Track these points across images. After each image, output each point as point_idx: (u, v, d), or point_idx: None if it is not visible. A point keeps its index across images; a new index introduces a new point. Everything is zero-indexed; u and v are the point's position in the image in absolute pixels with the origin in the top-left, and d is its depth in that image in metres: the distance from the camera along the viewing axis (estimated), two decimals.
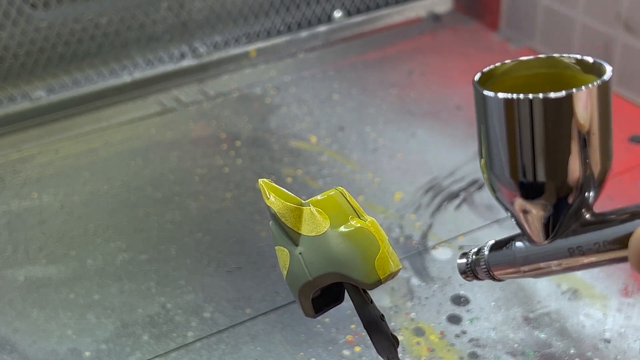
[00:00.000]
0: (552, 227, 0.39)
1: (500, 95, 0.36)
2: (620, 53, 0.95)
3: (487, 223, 0.77)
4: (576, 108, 0.35)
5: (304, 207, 0.45)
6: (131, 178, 0.87)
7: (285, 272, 0.46)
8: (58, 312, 0.69)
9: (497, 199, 0.40)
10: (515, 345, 0.63)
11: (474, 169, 0.84)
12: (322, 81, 1.04)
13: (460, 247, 0.74)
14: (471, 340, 0.64)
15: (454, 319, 0.66)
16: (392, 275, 0.45)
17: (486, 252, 0.43)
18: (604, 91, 0.36)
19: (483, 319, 0.66)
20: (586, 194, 0.38)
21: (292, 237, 0.45)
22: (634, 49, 0.94)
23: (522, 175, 0.37)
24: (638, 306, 0.66)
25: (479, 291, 0.69)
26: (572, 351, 0.63)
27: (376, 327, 0.46)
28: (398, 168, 0.87)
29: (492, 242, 0.44)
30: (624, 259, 0.37)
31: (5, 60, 0.97)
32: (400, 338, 0.64)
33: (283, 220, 0.45)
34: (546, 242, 0.39)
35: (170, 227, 0.79)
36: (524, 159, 0.37)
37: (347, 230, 0.45)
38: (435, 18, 1.18)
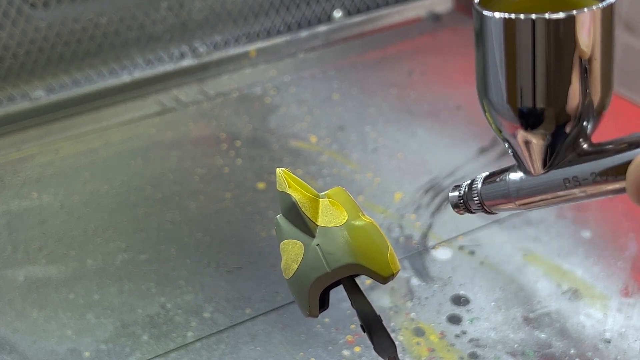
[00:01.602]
0: (549, 157, 0.37)
1: (500, 15, 0.35)
2: (620, 53, 0.95)
3: (487, 223, 0.77)
4: (579, 31, 0.34)
5: (320, 199, 0.45)
6: (131, 178, 0.87)
7: (295, 267, 0.44)
8: (58, 312, 0.69)
9: (496, 130, 0.39)
10: (516, 345, 0.63)
11: (474, 169, 0.84)
12: (322, 81, 1.04)
13: (460, 247, 0.74)
14: (471, 340, 0.64)
15: (454, 319, 0.66)
16: (395, 275, 0.45)
17: (479, 185, 0.43)
18: (608, 15, 0.34)
19: (483, 319, 0.66)
20: (584, 122, 0.36)
21: (309, 228, 0.45)
22: (634, 49, 0.94)
23: (520, 101, 0.36)
24: (638, 306, 0.66)
25: (479, 291, 0.69)
26: (572, 351, 0.63)
27: (378, 326, 0.46)
28: (398, 168, 0.87)
29: (485, 174, 0.43)
30: (621, 190, 0.35)
31: (5, 60, 0.97)
32: (400, 338, 0.64)
33: (303, 209, 0.45)
34: (542, 172, 0.38)
35: (170, 227, 0.79)
36: (522, 83, 0.35)
37: (364, 223, 0.45)
38: (435, 18, 1.18)
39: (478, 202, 0.42)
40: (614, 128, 0.41)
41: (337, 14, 1.15)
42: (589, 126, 0.37)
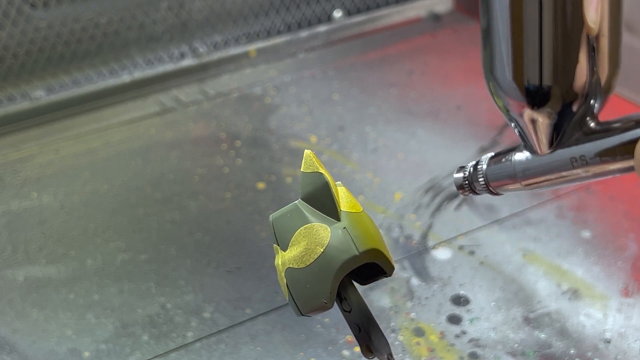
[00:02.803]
0: (556, 136, 0.37)
1: None
2: (620, 53, 0.95)
3: (487, 223, 0.77)
4: (586, 7, 0.33)
5: (338, 186, 0.45)
6: (131, 178, 0.87)
7: (320, 250, 0.43)
8: (58, 312, 0.69)
9: (503, 109, 0.38)
10: (516, 345, 0.63)
11: None
12: (322, 81, 1.04)
13: (460, 247, 0.74)
14: (471, 340, 0.64)
15: (454, 319, 0.66)
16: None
17: (484, 166, 0.42)
18: None
19: (483, 319, 0.66)
20: (592, 101, 0.36)
21: (337, 210, 0.44)
22: (634, 49, 0.94)
23: (527, 79, 0.35)
24: (638, 306, 0.66)
25: (479, 291, 0.69)
26: (572, 351, 0.63)
27: (375, 323, 0.45)
28: (398, 168, 0.87)
29: (490, 154, 0.42)
30: (629, 169, 0.35)
31: (5, 60, 0.97)
32: (400, 338, 0.64)
33: (333, 191, 0.44)
34: (548, 151, 0.38)
35: (170, 227, 0.79)
36: (529, 60, 0.35)
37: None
38: (435, 18, 1.18)
39: (483, 182, 0.42)
40: None
41: (337, 14, 1.15)
42: (596, 105, 0.36)
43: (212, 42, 1.09)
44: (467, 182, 0.43)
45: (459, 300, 0.68)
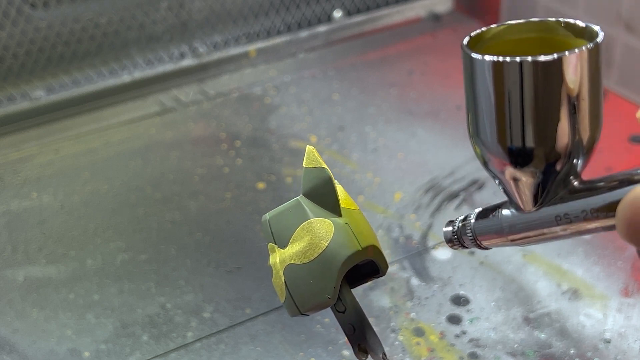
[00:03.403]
0: (540, 195, 0.38)
1: (488, 58, 0.35)
2: (620, 53, 0.95)
3: None
4: (566, 72, 0.34)
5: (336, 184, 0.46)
6: (131, 178, 0.87)
7: (325, 245, 0.43)
8: (58, 312, 0.69)
9: (487, 169, 0.39)
10: (516, 345, 0.63)
11: (474, 169, 0.84)
12: (322, 81, 1.04)
13: None
14: (471, 340, 0.64)
15: (454, 319, 0.66)
16: None
17: (472, 221, 0.43)
18: (595, 55, 0.35)
19: (483, 319, 0.66)
20: (574, 160, 0.37)
21: (338, 206, 0.44)
22: (634, 49, 0.94)
23: (510, 140, 0.36)
24: (638, 306, 0.66)
25: (479, 291, 0.69)
26: (572, 351, 0.63)
27: (369, 323, 0.45)
28: (398, 168, 0.87)
29: (478, 210, 0.43)
30: (611, 227, 0.36)
31: (5, 60, 0.97)
32: (400, 338, 0.64)
33: (336, 185, 0.44)
34: (534, 209, 0.39)
35: (170, 227, 0.79)
36: (512, 123, 0.36)
37: None
38: (435, 18, 1.18)
39: (472, 237, 0.43)
40: (615, 128, 0.41)
41: (337, 14, 1.15)
42: (579, 163, 0.37)
43: (212, 42, 1.09)
44: (455, 236, 0.44)
45: (459, 300, 0.68)
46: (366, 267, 0.45)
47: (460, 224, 0.44)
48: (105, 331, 0.67)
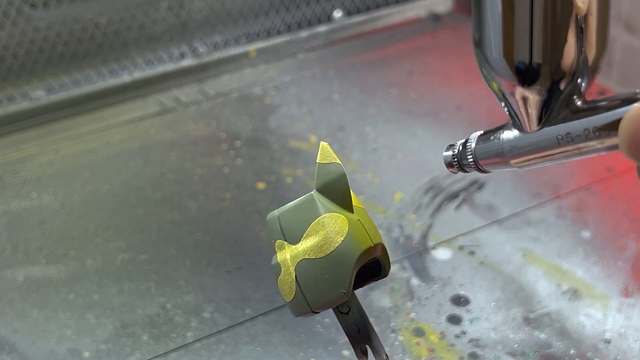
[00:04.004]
0: (544, 114, 0.37)
1: None
2: (620, 53, 0.95)
3: (487, 223, 0.77)
4: None
5: None
6: (131, 178, 0.87)
7: (340, 239, 0.43)
8: (57, 312, 0.69)
9: (495, 89, 0.39)
10: (516, 345, 0.63)
11: None
12: (322, 81, 1.04)
13: (460, 247, 0.74)
14: (471, 340, 0.64)
15: (454, 319, 0.66)
16: None
17: (473, 144, 0.42)
18: None
19: (483, 319, 0.66)
20: (579, 80, 0.37)
21: (351, 202, 0.44)
22: (634, 49, 0.94)
23: (517, 56, 0.36)
24: (638, 306, 0.66)
25: (479, 291, 0.69)
26: (572, 351, 0.63)
27: (371, 324, 0.45)
28: (398, 168, 0.86)
29: (479, 132, 0.43)
30: (614, 147, 0.35)
31: (5, 60, 0.97)
32: (400, 338, 0.64)
33: (347, 182, 0.44)
34: (537, 128, 0.38)
35: (170, 227, 0.79)
36: (520, 39, 0.36)
37: None
38: (435, 18, 1.18)
39: (472, 160, 0.43)
40: None
41: (337, 14, 1.15)
42: (583, 84, 0.37)
43: (212, 42, 1.09)
44: (455, 159, 0.44)
45: (459, 301, 0.68)
46: (366, 268, 0.45)
47: (460, 147, 0.43)
48: (105, 331, 0.67)
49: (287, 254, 0.44)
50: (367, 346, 0.46)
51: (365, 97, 1.00)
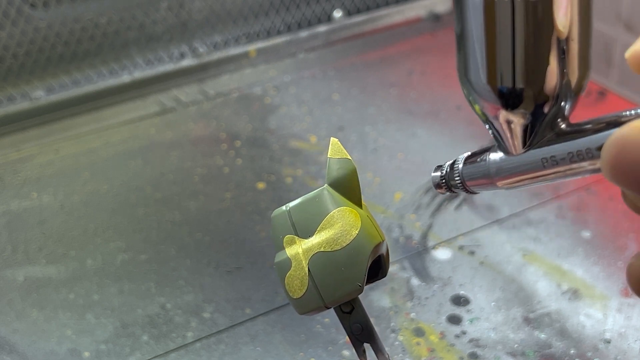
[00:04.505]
0: (529, 136, 0.38)
1: None
2: (620, 53, 0.95)
3: (487, 223, 0.77)
4: (556, 11, 0.35)
5: None
6: (131, 178, 0.87)
7: (355, 233, 0.43)
8: (57, 313, 0.69)
9: (478, 112, 0.40)
10: (516, 345, 0.63)
11: None
12: (322, 81, 1.04)
13: (460, 247, 0.74)
14: (471, 340, 0.64)
15: (454, 319, 0.66)
16: None
17: (460, 165, 0.43)
18: None
19: (483, 319, 0.66)
20: (562, 103, 0.37)
21: (360, 199, 0.44)
22: None
23: (500, 81, 0.37)
24: (638, 306, 0.66)
25: (479, 291, 0.69)
26: (572, 351, 0.63)
27: (372, 325, 0.45)
28: (398, 168, 0.86)
29: (466, 154, 0.43)
30: (597, 170, 0.35)
31: (5, 60, 0.97)
32: (400, 338, 0.64)
33: (357, 177, 0.45)
34: (522, 151, 0.39)
35: (170, 227, 0.79)
36: (502, 63, 0.36)
37: None
38: (435, 18, 1.18)
39: (459, 181, 0.43)
40: None
41: (337, 14, 1.15)
42: (566, 106, 0.38)
43: (212, 42, 1.09)
44: (444, 180, 0.45)
45: (459, 301, 0.68)
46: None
47: (448, 169, 0.44)
48: (105, 331, 0.67)
49: (299, 248, 0.44)
50: (366, 347, 0.46)
51: (365, 97, 1.00)
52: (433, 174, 0.45)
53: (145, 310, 0.69)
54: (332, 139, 0.45)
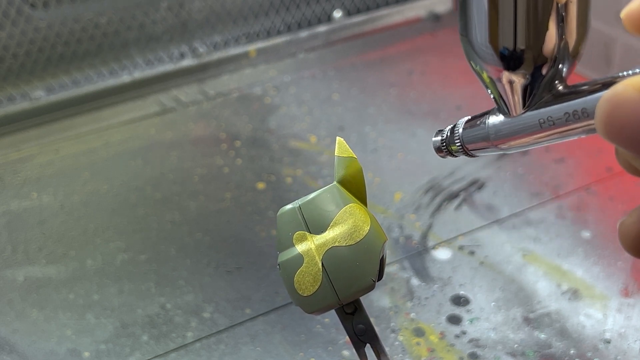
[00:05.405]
0: (528, 98, 0.39)
1: None
2: (620, 53, 0.95)
3: (487, 223, 0.77)
4: None
5: None
6: (131, 178, 0.87)
7: (367, 228, 0.43)
8: (57, 313, 0.69)
9: (479, 73, 0.40)
10: (515, 345, 0.63)
11: (474, 169, 0.84)
12: (322, 81, 1.04)
13: (460, 247, 0.74)
14: (471, 340, 0.64)
15: (454, 319, 0.66)
16: None
17: (460, 129, 0.44)
18: None
19: (483, 319, 0.66)
20: (560, 65, 0.38)
21: (365, 198, 0.45)
22: (634, 49, 0.94)
23: (502, 42, 0.38)
24: (638, 306, 0.66)
25: (479, 291, 0.69)
26: (572, 352, 0.63)
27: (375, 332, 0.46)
28: (398, 168, 0.87)
29: (466, 118, 0.45)
30: (593, 130, 0.36)
31: (5, 60, 0.97)
32: (400, 338, 0.64)
33: (363, 176, 0.45)
34: (521, 112, 0.40)
35: (170, 227, 0.79)
36: (504, 26, 0.38)
37: None
38: (435, 18, 1.18)
39: (460, 145, 0.45)
40: None
41: (337, 14, 1.15)
42: (564, 69, 0.39)
43: (212, 42, 1.09)
44: (444, 144, 0.46)
45: (459, 301, 0.68)
46: None
47: (448, 133, 0.45)
48: (105, 331, 0.67)
49: (311, 244, 0.44)
50: (366, 347, 0.46)
51: (365, 97, 1.00)
52: (434, 138, 0.47)
53: (145, 310, 0.69)
54: (338, 138, 0.45)
